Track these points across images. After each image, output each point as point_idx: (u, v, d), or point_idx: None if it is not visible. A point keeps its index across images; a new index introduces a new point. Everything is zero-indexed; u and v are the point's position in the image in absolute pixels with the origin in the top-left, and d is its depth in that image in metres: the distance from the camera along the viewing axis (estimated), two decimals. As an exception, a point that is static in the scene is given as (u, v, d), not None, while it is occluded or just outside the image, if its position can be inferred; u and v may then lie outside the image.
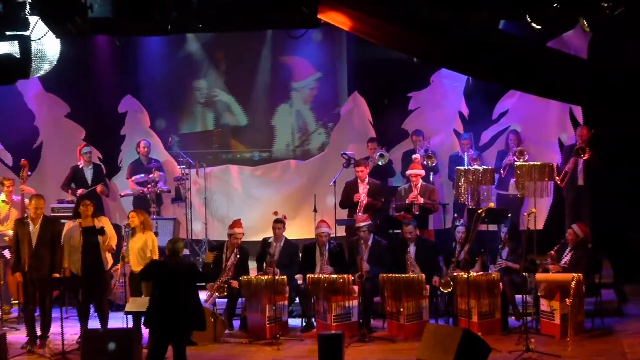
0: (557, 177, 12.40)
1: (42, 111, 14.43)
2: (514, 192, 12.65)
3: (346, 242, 12.28)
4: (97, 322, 10.66)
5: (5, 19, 9.33)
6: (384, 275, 10.78)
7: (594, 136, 12.47)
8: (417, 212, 12.05)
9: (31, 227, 10.49)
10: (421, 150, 13.26)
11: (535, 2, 9.63)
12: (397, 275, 10.74)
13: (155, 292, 8.90)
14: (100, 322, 10.57)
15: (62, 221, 11.10)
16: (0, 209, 12.09)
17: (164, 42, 14.24)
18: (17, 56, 9.53)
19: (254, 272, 11.57)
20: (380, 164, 13.04)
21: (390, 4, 9.30)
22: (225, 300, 11.25)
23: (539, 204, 12.21)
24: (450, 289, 10.77)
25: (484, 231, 11.54)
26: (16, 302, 11.71)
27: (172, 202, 14.16)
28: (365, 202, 12.17)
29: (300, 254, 11.71)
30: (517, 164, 12.31)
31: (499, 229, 11.56)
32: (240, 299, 11.22)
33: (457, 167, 12.56)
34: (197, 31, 13.08)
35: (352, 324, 10.78)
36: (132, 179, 13.60)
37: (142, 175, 13.47)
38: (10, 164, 13.91)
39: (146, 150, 13.78)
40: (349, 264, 11.33)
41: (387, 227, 12.25)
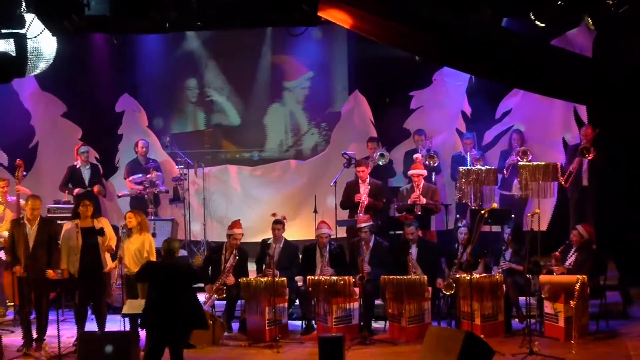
0: (561, 178, 12.39)
1: (38, 110, 14.43)
2: (518, 192, 12.63)
3: (347, 243, 12.27)
4: (94, 324, 10.65)
5: (0, 17, 9.32)
6: (386, 277, 10.77)
7: (599, 136, 12.46)
8: (420, 213, 12.05)
9: (28, 228, 10.49)
10: (423, 150, 13.25)
11: (539, 0, 9.62)
12: (398, 277, 10.74)
13: (151, 294, 8.90)
14: (97, 324, 10.56)
15: (59, 222, 11.08)
16: (-5, 210, 12.10)
17: (162, 40, 14.24)
18: (13, 54, 9.53)
19: (253, 273, 11.56)
20: (380, 163, 13.03)
21: (391, 1, 9.30)
22: (224, 302, 11.25)
23: (542, 204, 12.22)
24: (452, 291, 10.77)
25: (487, 232, 11.53)
26: (12, 304, 11.72)
27: (170, 203, 14.16)
28: (366, 202, 12.16)
29: (300, 256, 11.71)
30: (520, 164, 12.31)
31: (502, 230, 11.55)
32: (239, 301, 11.20)
33: (460, 167, 12.56)
34: (196, 29, 13.11)
35: (353, 327, 10.78)
36: (130, 179, 13.60)
37: (139, 175, 13.47)
38: (5, 164, 13.93)
39: (144, 150, 13.78)
40: (350, 266, 11.32)
41: (388, 228, 12.25)
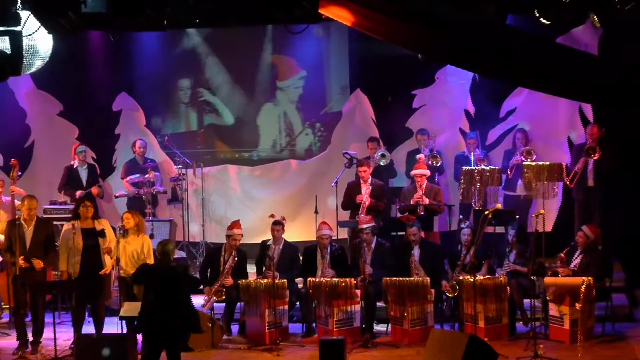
0: (567, 178, 12.40)
1: (33, 109, 14.44)
2: (522, 193, 12.66)
3: (348, 245, 12.29)
4: (91, 327, 10.66)
5: (-5, 14, 9.35)
6: (388, 278, 10.77)
7: (605, 135, 12.47)
8: (422, 213, 12.06)
9: (25, 229, 10.48)
10: (426, 149, 13.25)
11: (543, -3, 9.64)
12: (401, 278, 10.74)
13: (146, 297, 8.91)
14: (95, 327, 10.56)
15: (55, 223, 11.09)
16: (-11, 211, 12.11)
17: (160, 38, 14.25)
18: (8, 52, 9.55)
19: (253, 275, 11.57)
20: (382, 164, 13.03)
21: (393, -2, 9.31)
22: (223, 304, 11.26)
23: (547, 205, 12.23)
24: (455, 293, 10.78)
25: (491, 233, 11.54)
26: (7, 306, 11.71)
27: (169, 203, 14.17)
28: (367, 203, 12.16)
29: (300, 257, 11.71)
30: (525, 163, 12.33)
31: (506, 231, 11.56)
32: (239, 304, 11.21)
33: (463, 167, 12.56)
34: (194, 26, 13.11)
35: (354, 329, 10.79)
36: (127, 179, 13.60)
37: (137, 175, 13.47)
38: (0, 164, 13.93)
39: (142, 150, 13.79)
40: (351, 267, 11.32)
41: (390, 229, 12.26)
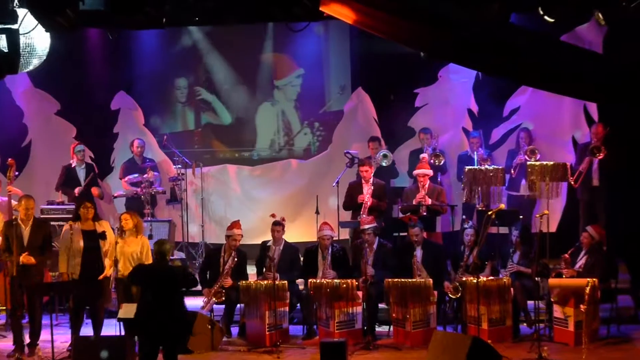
0: (571, 178, 12.39)
1: (31, 108, 14.46)
2: (526, 193, 12.66)
3: (350, 246, 12.29)
4: (89, 329, 10.66)
5: (-8, 12, 9.36)
6: (390, 280, 10.78)
7: (610, 134, 12.47)
8: (425, 214, 12.06)
9: (22, 229, 10.48)
10: (429, 149, 13.24)
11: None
12: (403, 280, 10.75)
13: (143, 297, 8.93)
14: (93, 329, 10.57)
15: (53, 223, 11.09)
16: (-15, 211, 12.12)
17: (159, 36, 14.25)
18: (5, 50, 9.57)
19: (253, 277, 11.58)
20: (384, 164, 13.02)
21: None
22: (223, 306, 11.26)
23: (551, 205, 12.22)
24: (458, 295, 10.78)
25: (494, 234, 11.52)
26: (3, 308, 11.72)
27: (167, 204, 14.18)
28: (369, 203, 12.16)
29: (301, 258, 11.72)
30: (528, 163, 12.32)
31: (510, 231, 11.54)
32: (238, 305, 11.22)
33: (466, 167, 12.56)
34: (194, 24, 13.12)
35: (356, 331, 10.80)
36: (126, 179, 13.62)
37: (136, 175, 13.48)
38: (-4, 164, 13.96)
39: (140, 149, 13.79)
40: (353, 269, 11.33)
41: (392, 230, 12.26)
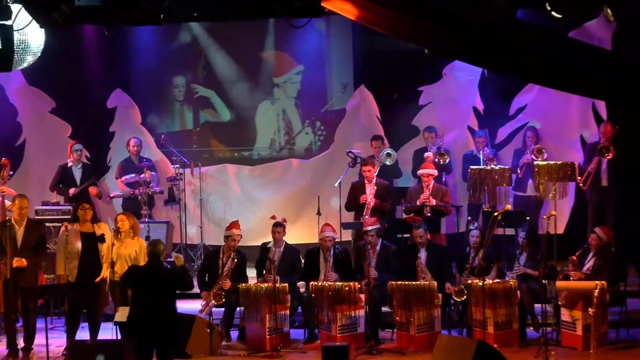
0: (579, 178, 12.38)
1: (25, 106, 14.46)
2: (533, 193, 12.65)
3: (352, 247, 12.28)
4: (84, 333, 10.64)
5: (-15, 8, 9.33)
6: (393, 282, 10.78)
7: (619, 133, 12.46)
8: (429, 215, 12.05)
9: (16, 230, 10.47)
10: (433, 148, 13.22)
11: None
12: (407, 282, 10.75)
13: (136, 298, 8.93)
14: (90, 332, 10.56)
15: (48, 224, 11.08)
16: (-22, 212, 12.10)
17: (156, 32, 14.24)
18: (-1, 47, 9.55)
19: (253, 279, 11.57)
20: (387, 163, 13.00)
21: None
22: (222, 309, 11.25)
23: (559, 206, 12.24)
24: (464, 298, 10.76)
25: (501, 235, 11.53)
26: (-3, 311, 11.71)
27: (165, 204, 14.18)
28: (372, 204, 12.15)
29: (302, 260, 11.71)
30: (535, 163, 12.31)
31: (516, 233, 11.55)
32: (238, 309, 11.20)
33: (472, 167, 12.55)
34: (193, 20, 13.10)
35: (358, 335, 10.79)
36: (122, 179, 13.62)
37: (132, 175, 13.48)
38: (-10, 163, 13.94)
39: (136, 148, 13.78)
40: (356, 271, 11.32)
41: (395, 231, 12.26)
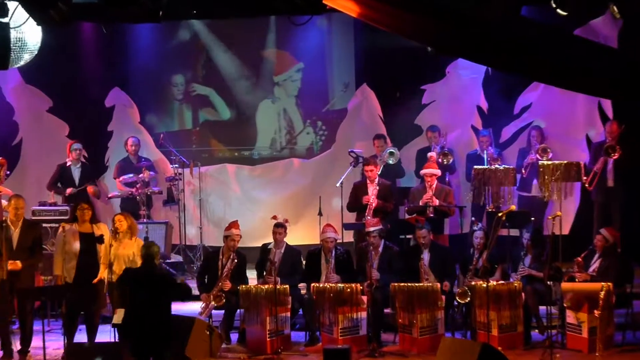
0: (585, 178, 12.36)
1: (21, 105, 14.46)
2: (538, 193, 12.64)
3: (354, 248, 12.28)
4: (82, 335, 10.64)
5: (-19, 5, 9.34)
6: (396, 284, 10.76)
7: (625, 133, 12.45)
8: (432, 215, 12.04)
9: (12, 231, 10.46)
10: (437, 147, 13.21)
11: (560, -13, 9.61)
12: (409, 284, 10.73)
13: (131, 301, 8.94)
14: (88, 335, 10.55)
15: (44, 225, 11.07)
16: (-25, 212, 12.09)
17: (155, 30, 14.24)
18: (-5, 45, 9.56)
19: (253, 281, 11.56)
20: (390, 162, 12.98)
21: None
22: (222, 311, 11.25)
23: (564, 206, 12.21)
24: (467, 300, 10.75)
25: (505, 236, 11.51)
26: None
27: (164, 205, 14.18)
28: (375, 204, 12.14)
29: (303, 261, 11.70)
30: (540, 162, 12.30)
31: (521, 233, 11.54)
32: (238, 311, 11.20)
33: (476, 167, 12.55)
34: (192, 18, 13.09)
35: (360, 338, 10.78)
36: (120, 179, 13.62)
37: (131, 175, 13.48)
38: (-14, 163, 13.94)
39: (134, 148, 13.79)
40: (358, 272, 11.31)
41: (398, 232, 12.24)
